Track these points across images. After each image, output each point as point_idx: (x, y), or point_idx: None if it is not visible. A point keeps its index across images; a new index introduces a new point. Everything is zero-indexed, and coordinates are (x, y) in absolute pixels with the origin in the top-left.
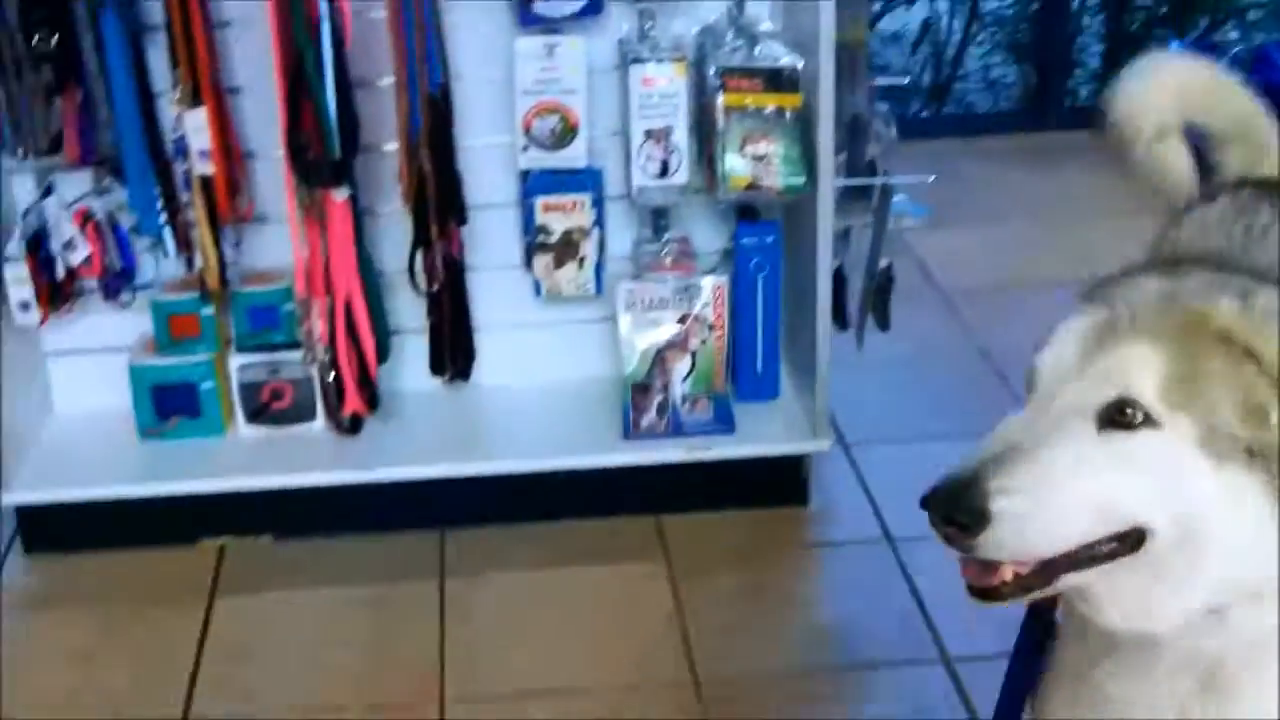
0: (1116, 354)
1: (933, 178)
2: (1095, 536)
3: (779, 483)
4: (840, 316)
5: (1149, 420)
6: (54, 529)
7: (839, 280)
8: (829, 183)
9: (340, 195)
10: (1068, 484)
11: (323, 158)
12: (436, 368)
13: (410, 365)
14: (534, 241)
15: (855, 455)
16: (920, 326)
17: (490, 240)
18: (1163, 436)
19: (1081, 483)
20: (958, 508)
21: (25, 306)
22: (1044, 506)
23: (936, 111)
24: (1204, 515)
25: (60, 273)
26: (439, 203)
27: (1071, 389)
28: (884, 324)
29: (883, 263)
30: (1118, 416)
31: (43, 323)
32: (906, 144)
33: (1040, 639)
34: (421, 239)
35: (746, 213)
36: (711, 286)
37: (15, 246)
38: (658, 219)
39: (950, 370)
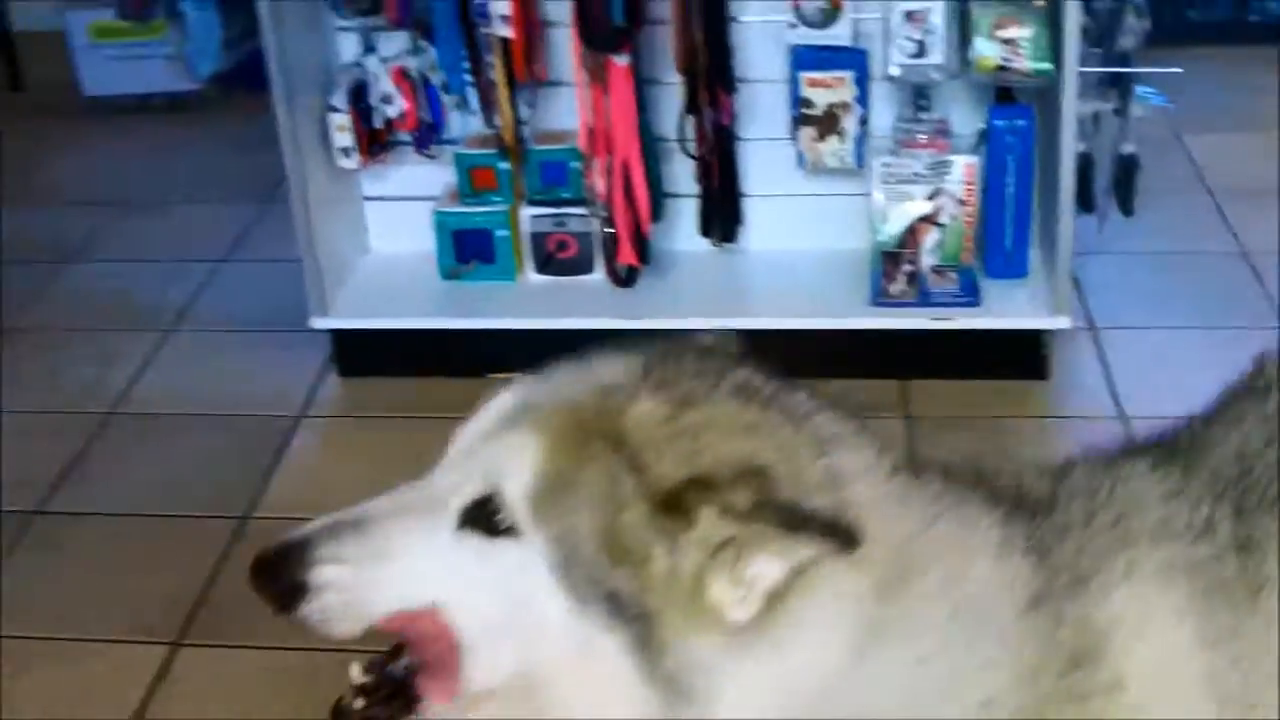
0: (503, 443)
1: (1180, 70)
2: (422, 639)
3: (1020, 357)
4: (1087, 200)
5: (511, 528)
6: (364, 354)
7: (1086, 164)
8: (1074, 68)
9: (621, 61)
10: (396, 575)
11: (606, 24)
12: (705, 230)
13: (682, 227)
14: (799, 114)
15: (1102, 338)
16: (1183, 222)
17: (760, 113)
18: (520, 552)
19: (410, 581)
20: (275, 578)
21: (347, 152)
22: (366, 593)
23: (1239, 17)
24: (547, 662)
25: (378, 124)
26: (710, 72)
27: (449, 474)
28: (1126, 209)
29: (1127, 149)
30: (481, 516)
31: (361, 168)
32: (1207, 49)
33: None
34: (693, 105)
35: (1003, 96)
36: (963, 165)
37: (340, 98)
38: (919, 99)
39: (1207, 267)
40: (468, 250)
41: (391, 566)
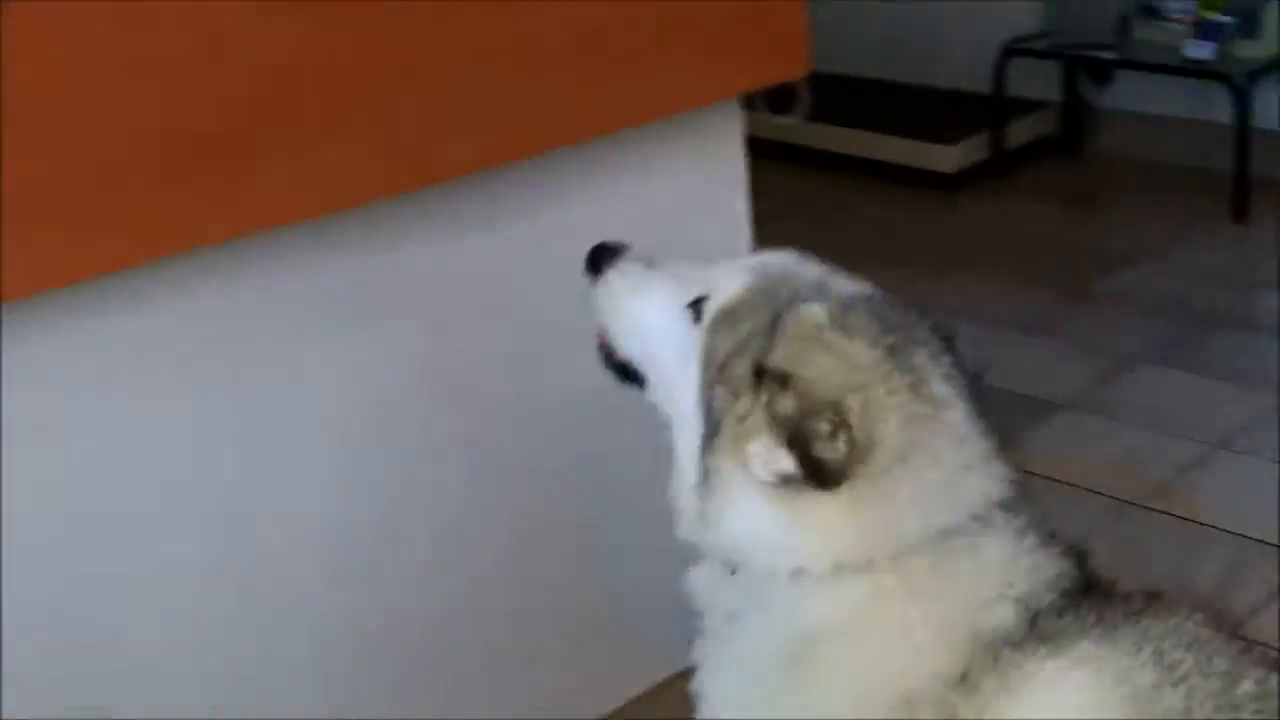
0: (735, 274)
1: None
2: (639, 357)
3: None
4: None
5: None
6: None
7: None
8: None
9: None
10: (642, 304)
11: None
12: None
13: None
14: None
15: None
16: None
17: None
18: (693, 339)
19: (648, 312)
20: (595, 259)
21: None
22: (625, 300)
23: None
24: (677, 417)
25: None
26: None
27: (711, 272)
28: None
29: None
30: (697, 307)
31: None
32: None
33: None
34: None
35: None
36: None
37: None
38: None
39: None
40: None
41: (638, 297)
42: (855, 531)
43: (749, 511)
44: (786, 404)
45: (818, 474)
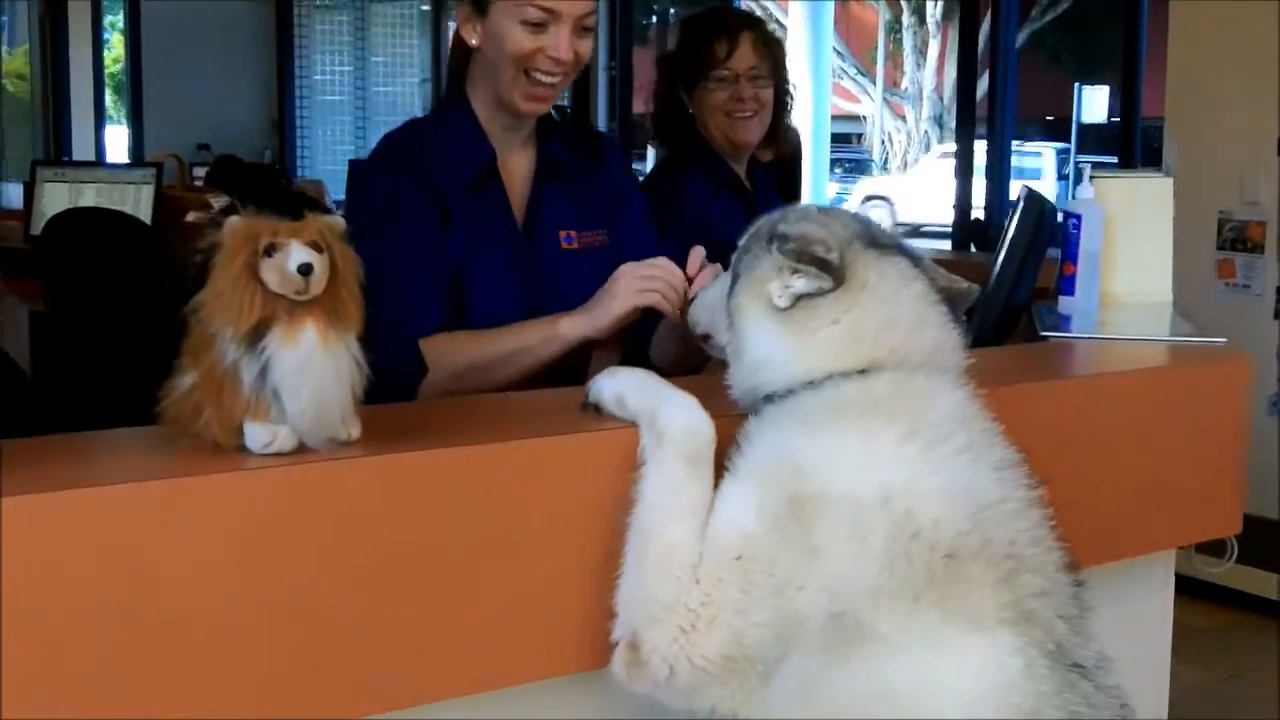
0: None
1: None
2: (708, 321)
3: None
4: None
5: None
6: None
7: None
8: None
9: None
10: (706, 291)
11: None
12: None
13: None
14: None
15: None
16: None
17: None
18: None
19: (711, 290)
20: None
21: None
22: (702, 294)
23: None
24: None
25: None
26: None
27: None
28: None
29: None
30: None
31: None
32: None
33: None
34: None
35: None
36: None
37: None
38: None
39: None
40: None
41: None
42: (839, 345)
43: (762, 335)
44: (789, 246)
45: (826, 268)
